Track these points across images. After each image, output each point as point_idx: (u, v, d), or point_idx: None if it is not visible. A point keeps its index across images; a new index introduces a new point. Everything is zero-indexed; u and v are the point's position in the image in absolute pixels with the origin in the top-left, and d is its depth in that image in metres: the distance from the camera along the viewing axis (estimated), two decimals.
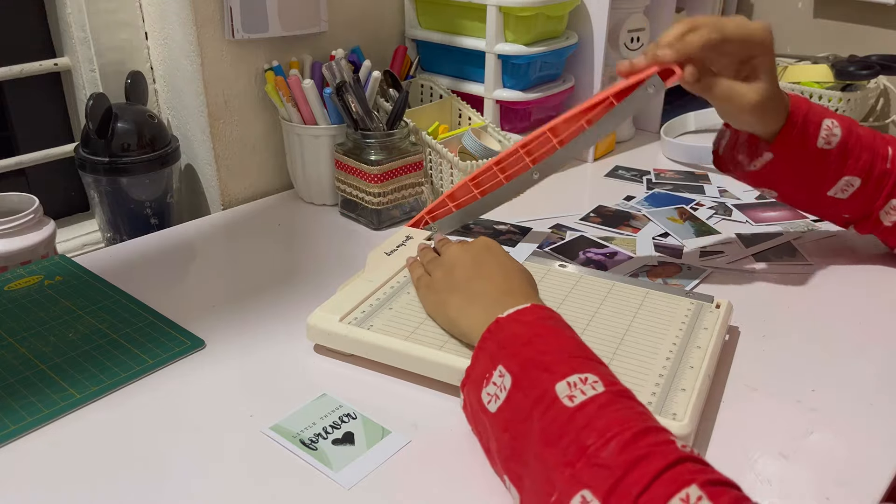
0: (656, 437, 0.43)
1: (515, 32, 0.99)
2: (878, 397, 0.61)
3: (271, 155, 1.00)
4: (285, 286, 0.77)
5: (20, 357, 0.64)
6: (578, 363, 0.49)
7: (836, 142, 0.72)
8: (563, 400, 0.46)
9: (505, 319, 0.54)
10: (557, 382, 0.47)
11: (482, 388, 0.52)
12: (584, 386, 0.46)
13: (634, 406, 0.46)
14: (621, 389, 0.47)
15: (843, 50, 1.23)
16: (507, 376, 0.50)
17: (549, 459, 0.45)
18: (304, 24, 0.95)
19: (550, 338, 0.52)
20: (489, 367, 0.52)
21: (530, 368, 0.49)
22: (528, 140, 0.73)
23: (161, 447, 0.55)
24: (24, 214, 0.79)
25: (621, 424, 0.43)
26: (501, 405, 0.50)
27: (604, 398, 0.46)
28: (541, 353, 0.50)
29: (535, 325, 0.53)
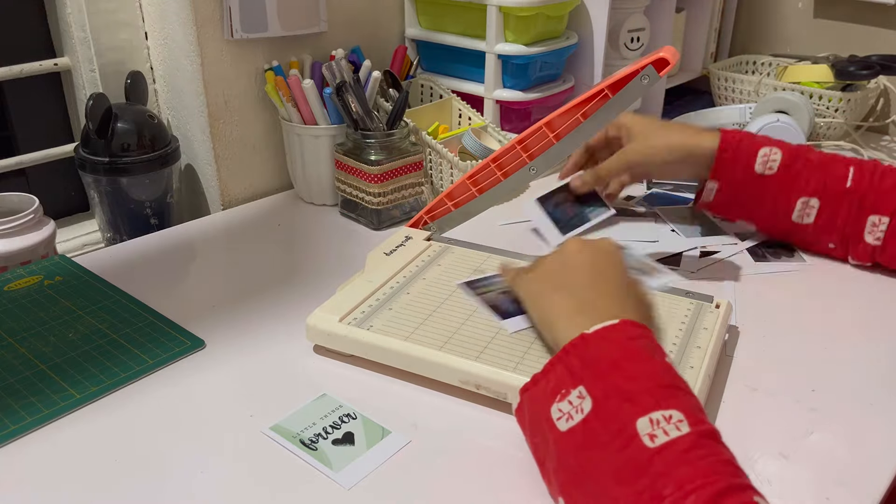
0: (740, 498, 0.40)
1: (515, 32, 0.99)
2: (878, 397, 0.61)
3: (271, 155, 1.00)
4: (285, 286, 0.77)
5: (20, 357, 0.64)
6: (665, 395, 0.46)
7: (776, 165, 0.76)
8: (643, 438, 0.43)
9: (592, 336, 0.51)
10: (640, 418, 0.44)
11: (553, 402, 0.49)
12: (667, 425, 0.44)
13: (720, 453, 0.43)
14: (708, 429, 0.44)
15: (843, 50, 1.23)
16: (587, 399, 0.47)
17: (619, 499, 0.43)
18: (304, 24, 0.95)
19: (638, 362, 0.49)
20: (568, 384, 0.49)
21: (613, 396, 0.47)
22: (524, 136, 0.73)
23: (161, 447, 0.55)
24: (24, 214, 0.79)
25: (704, 478, 0.41)
26: (575, 427, 0.47)
27: (687, 442, 0.43)
28: (627, 378, 0.47)
29: (624, 346, 0.50)
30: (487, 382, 0.58)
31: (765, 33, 1.39)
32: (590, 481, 0.45)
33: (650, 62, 0.66)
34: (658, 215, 0.92)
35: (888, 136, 1.24)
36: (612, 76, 0.69)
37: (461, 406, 0.59)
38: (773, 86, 1.20)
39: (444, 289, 0.69)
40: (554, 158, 0.74)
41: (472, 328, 0.63)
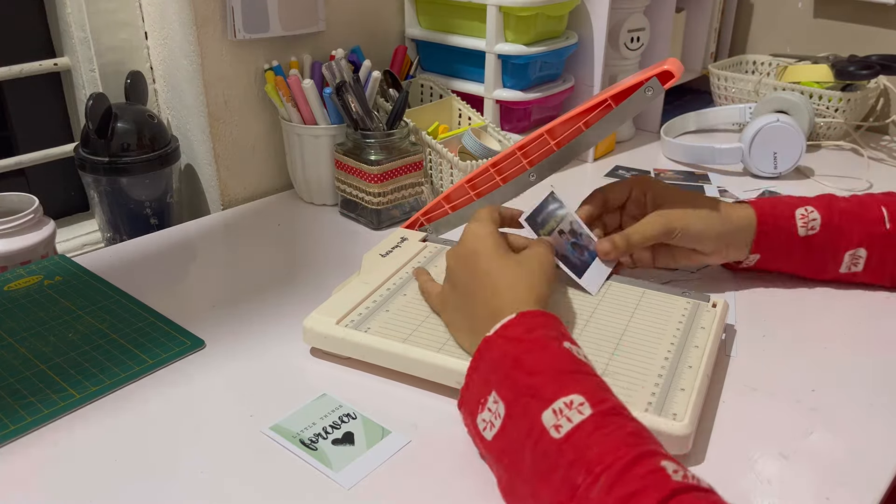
0: (647, 466, 0.41)
1: (515, 32, 0.99)
2: (877, 397, 0.61)
3: (271, 155, 1.00)
4: (285, 286, 0.77)
5: (20, 357, 0.64)
6: (565, 381, 0.47)
7: (818, 225, 0.73)
8: (550, 431, 0.45)
9: (492, 337, 0.52)
10: (544, 411, 0.46)
11: (478, 414, 0.51)
12: (569, 412, 0.45)
13: (624, 425, 0.44)
14: (609, 407, 0.46)
15: (843, 50, 1.23)
16: (500, 403, 0.49)
17: (543, 497, 0.44)
18: (304, 24, 0.95)
19: (538, 352, 0.50)
20: (483, 392, 0.51)
21: (521, 395, 0.48)
22: (525, 142, 0.73)
23: (161, 447, 0.55)
24: (23, 214, 0.79)
25: (612, 453, 0.42)
26: (497, 434, 0.49)
27: (590, 424, 0.44)
28: (528, 373, 0.49)
29: (524, 340, 0.51)
30: None
31: (765, 33, 1.39)
32: (518, 483, 0.47)
33: (654, 74, 0.65)
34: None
35: (888, 136, 1.24)
36: (616, 86, 0.69)
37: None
38: (773, 86, 1.20)
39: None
40: (554, 166, 0.74)
41: None
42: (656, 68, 0.66)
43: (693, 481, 0.41)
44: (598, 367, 0.58)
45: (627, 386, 0.56)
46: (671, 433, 0.52)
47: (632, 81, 0.67)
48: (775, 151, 1.04)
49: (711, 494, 0.40)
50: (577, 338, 0.62)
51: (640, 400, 0.55)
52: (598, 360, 0.59)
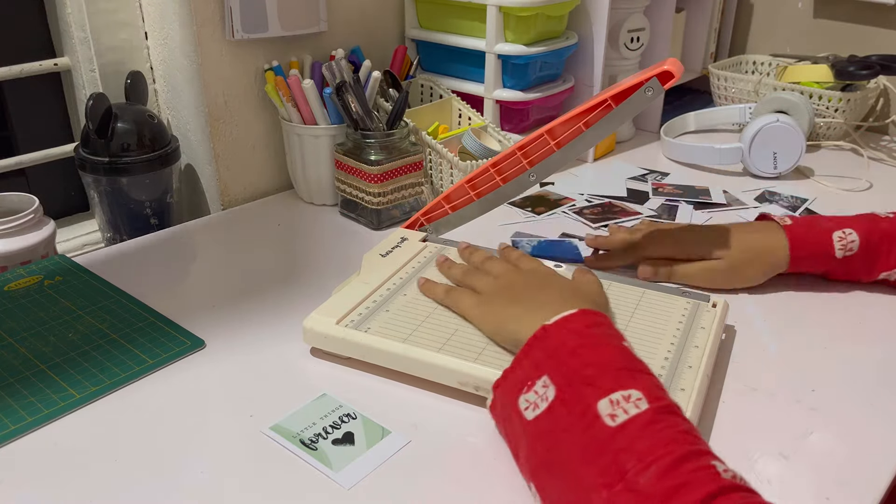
0: (698, 463, 0.42)
1: (515, 32, 0.99)
2: (878, 397, 0.61)
3: (271, 155, 1.00)
4: (285, 286, 0.77)
5: (20, 357, 0.64)
6: (623, 377, 0.48)
7: (856, 246, 0.73)
8: (604, 419, 0.45)
9: (552, 326, 0.53)
10: (600, 399, 0.46)
11: (521, 394, 0.51)
12: (626, 404, 0.46)
13: (678, 424, 0.45)
14: (666, 405, 0.46)
15: (843, 50, 1.23)
16: (551, 387, 0.49)
17: (585, 478, 0.44)
18: (304, 24, 0.95)
19: (598, 347, 0.51)
20: (532, 375, 0.51)
21: (575, 382, 0.49)
22: (525, 142, 0.73)
23: (161, 447, 0.55)
24: (24, 214, 0.79)
25: (663, 447, 0.42)
26: (540, 415, 0.49)
27: (646, 417, 0.45)
28: (587, 364, 0.49)
29: (583, 333, 0.52)
30: (486, 384, 0.57)
31: (765, 33, 1.39)
32: (557, 464, 0.47)
33: (654, 75, 0.66)
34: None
35: (888, 136, 1.24)
36: (616, 86, 0.69)
37: (460, 407, 0.59)
38: (773, 86, 1.20)
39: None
40: (554, 166, 0.74)
41: (470, 329, 0.63)
42: (656, 68, 0.66)
43: (741, 482, 0.41)
44: None
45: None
46: None
47: (632, 82, 0.67)
48: (775, 151, 1.04)
49: (756, 496, 0.41)
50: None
51: None
52: None
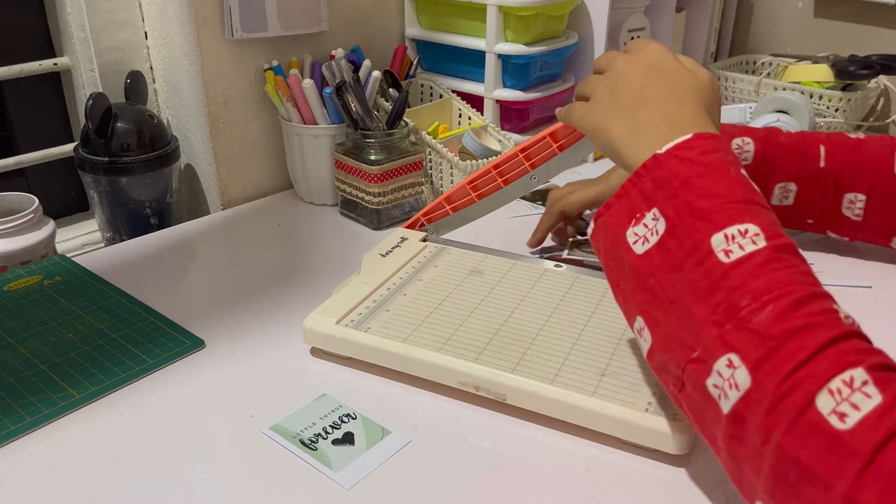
0: (819, 306, 0.40)
1: (515, 32, 0.99)
2: None
3: (271, 155, 1.00)
4: (285, 286, 0.77)
5: (20, 357, 0.64)
6: (740, 210, 0.45)
7: (751, 157, 0.75)
8: (718, 254, 0.43)
9: (664, 155, 0.49)
10: (714, 234, 0.44)
11: (629, 226, 0.49)
12: (742, 239, 0.43)
13: (798, 265, 0.43)
14: (785, 244, 0.44)
15: (843, 50, 1.23)
16: (661, 220, 0.47)
17: (697, 314, 0.43)
18: (304, 24, 0.95)
19: (713, 177, 0.47)
20: (642, 207, 0.49)
21: (686, 215, 0.46)
22: (527, 144, 0.73)
23: (161, 447, 0.55)
24: (23, 214, 0.79)
25: (781, 288, 0.41)
26: (651, 249, 0.47)
27: (763, 255, 0.42)
28: (700, 196, 0.46)
29: (697, 163, 0.48)
30: (486, 384, 0.58)
31: (765, 33, 1.39)
32: (667, 299, 0.46)
33: None
34: None
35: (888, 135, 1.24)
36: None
37: (461, 407, 0.59)
38: (773, 85, 1.20)
39: (442, 290, 0.69)
40: (556, 168, 0.74)
41: (470, 329, 0.63)
42: None
43: (861, 330, 0.40)
44: (598, 367, 0.58)
45: (627, 386, 0.56)
46: (671, 433, 0.52)
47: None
48: None
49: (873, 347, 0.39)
50: (577, 338, 0.62)
51: (640, 400, 0.55)
52: (598, 360, 0.59)
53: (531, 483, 0.52)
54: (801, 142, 0.76)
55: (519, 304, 0.67)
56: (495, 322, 0.64)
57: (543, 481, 0.52)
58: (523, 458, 0.54)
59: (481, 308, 0.67)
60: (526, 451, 0.55)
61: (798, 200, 0.76)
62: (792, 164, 0.75)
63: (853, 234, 0.78)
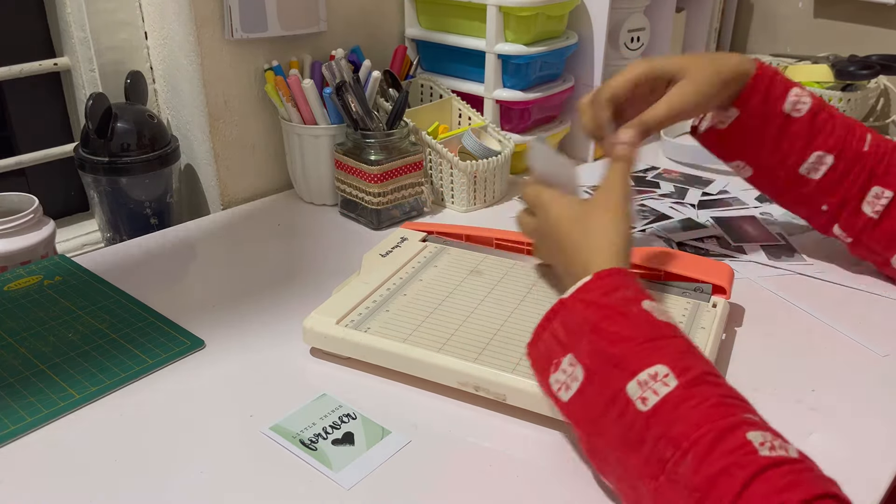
0: (734, 441, 0.41)
1: (515, 32, 0.99)
2: (878, 397, 0.61)
3: (271, 155, 1.00)
4: (285, 286, 0.77)
5: (20, 357, 0.64)
6: (648, 351, 0.47)
7: (805, 110, 0.71)
8: (636, 403, 0.45)
9: (569, 300, 0.53)
10: (628, 382, 0.46)
11: (550, 373, 0.51)
12: (654, 384, 0.45)
13: (708, 396, 0.44)
14: (695, 376, 0.46)
15: (843, 50, 1.23)
16: (578, 367, 0.49)
17: (631, 468, 0.45)
18: (304, 24, 0.95)
19: (618, 319, 0.50)
20: (558, 352, 0.51)
21: (601, 363, 0.48)
22: None
23: (161, 447, 0.55)
24: (23, 214, 0.79)
25: (697, 429, 0.42)
26: (574, 397, 0.49)
27: (676, 396, 0.44)
28: (611, 342, 0.49)
29: (602, 305, 0.51)
30: (486, 384, 0.58)
31: (765, 33, 1.39)
32: (602, 450, 0.48)
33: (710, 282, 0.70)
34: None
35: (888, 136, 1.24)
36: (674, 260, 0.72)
37: (461, 407, 0.59)
38: None
39: (442, 290, 0.69)
40: None
41: (470, 329, 0.63)
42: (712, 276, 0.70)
43: (780, 452, 0.40)
44: None
45: None
46: None
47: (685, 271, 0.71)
48: None
49: (798, 464, 0.40)
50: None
51: None
52: None
53: (531, 483, 0.52)
54: (851, 121, 0.73)
55: (519, 304, 0.67)
56: (495, 322, 0.64)
57: (543, 481, 0.52)
58: (523, 458, 0.54)
59: (481, 308, 0.67)
60: (526, 451, 0.55)
61: (827, 176, 0.72)
62: (839, 135, 0.71)
63: (859, 233, 0.74)
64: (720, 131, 0.74)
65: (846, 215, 0.74)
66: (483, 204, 0.97)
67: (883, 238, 0.73)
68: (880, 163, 0.72)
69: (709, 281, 0.69)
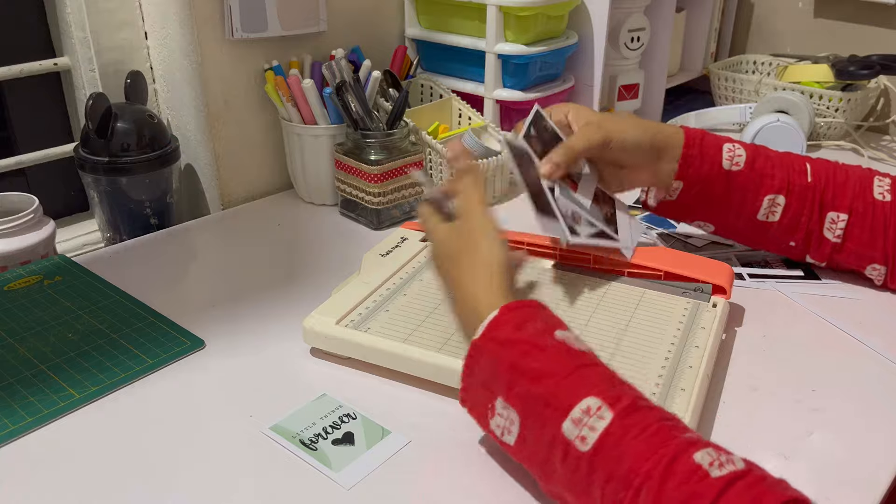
0: (684, 469, 0.40)
1: (515, 32, 0.99)
2: (878, 397, 0.61)
3: (271, 155, 1.00)
4: (285, 286, 0.77)
5: (20, 357, 0.64)
6: (575, 384, 0.46)
7: (742, 161, 0.73)
8: (575, 443, 0.44)
9: (481, 341, 0.51)
10: (563, 422, 0.45)
11: (489, 419, 0.50)
12: (589, 420, 0.44)
13: (648, 424, 0.43)
14: (627, 405, 0.44)
15: (843, 50, 1.23)
16: (511, 410, 0.48)
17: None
18: (304, 24, 0.95)
19: (536, 354, 0.48)
20: (488, 398, 0.50)
21: (531, 404, 0.47)
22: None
23: (161, 447, 0.55)
24: (23, 214, 0.79)
25: (645, 461, 0.41)
26: (517, 440, 0.49)
27: (615, 430, 0.43)
28: (533, 379, 0.47)
29: (515, 341, 0.49)
30: None
31: (765, 33, 1.39)
32: (559, 493, 0.47)
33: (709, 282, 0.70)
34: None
35: (888, 136, 1.24)
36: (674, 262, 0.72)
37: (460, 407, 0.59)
38: (774, 86, 1.20)
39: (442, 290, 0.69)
40: None
41: None
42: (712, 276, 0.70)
43: (729, 467, 0.40)
44: None
45: None
46: None
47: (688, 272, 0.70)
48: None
49: (748, 475, 0.40)
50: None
51: None
52: None
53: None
54: (787, 156, 0.75)
55: None
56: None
57: None
58: None
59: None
60: None
61: (784, 216, 0.74)
62: (781, 175, 0.73)
63: (830, 257, 0.75)
64: (670, 203, 0.77)
65: (814, 245, 0.75)
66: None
67: (851, 257, 0.75)
68: (826, 190, 0.73)
69: (709, 281, 0.69)
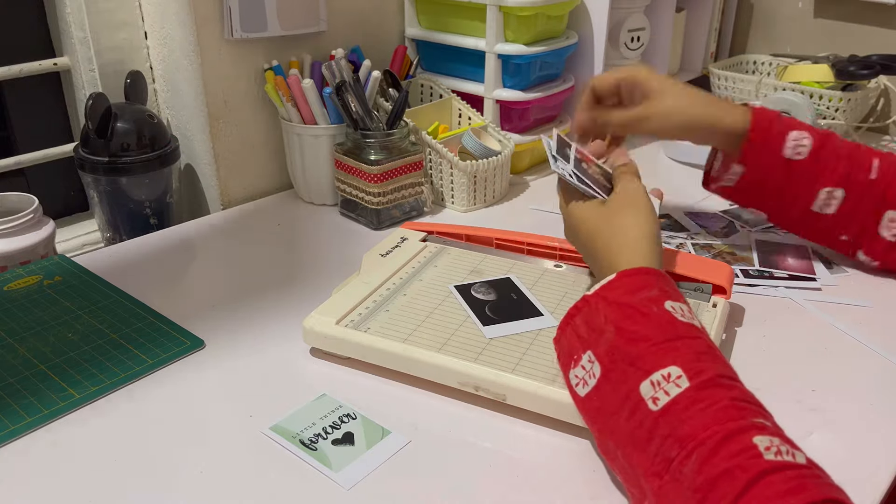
0: (739, 444, 0.41)
1: (515, 32, 0.99)
2: (878, 397, 0.61)
3: (271, 155, 1.00)
4: (285, 286, 0.77)
5: (20, 357, 0.64)
6: (664, 351, 0.48)
7: (806, 152, 0.73)
8: (647, 402, 0.46)
9: (592, 297, 0.54)
10: (642, 382, 0.47)
11: (570, 368, 0.53)
12: (667, 385, 0.46)
13: (719, 399, 0.45)
14: (707, 379, 0.46)
15: (843, 50, 1.23)
16: (595, 364, 0.50)
17: (638, 465, 0.45)
18: (304, 24, 0.95)
19: (638, 318, 0.51)
20: (578, 349, 0.52)
21: (618, 360, 0.49)
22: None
23: (161, 447, 0.55)
24: (23, 214, 0.79)
25: (704, 430, 0.43)
26: (590, 393, 0.50)
27: (687, 398, 0.45)
28: (628, 340, 0.50)
29: (623, 304, 0.52)
30: (486, 384, 0.57)
31: (765, 33, 1.39)
32: (612, 447, 0.48)
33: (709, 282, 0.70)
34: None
35: (888, 136, 1.24)
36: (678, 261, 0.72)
37: (461, 407, 0.59)
38: (774, 86, 1.20)
39: (442, 290, 0.69)
40: None
41: (470, 329, 0.63)
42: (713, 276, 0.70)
43: (787, 457, 0.41)
44: None
45: None
46: None
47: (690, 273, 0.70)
48: None
49: (804, 469, 0.40)
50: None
51: None
52: None
53: (531, 483, 0.52)
54: (855, 150, 0.74)
55: None
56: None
57: (543, 481, 0.52)
58: (523, 458, 0.54)
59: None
60: (526, 451, 0.55)
61: (840, 210, 0.73)
62: (844, 169, 0.73)
63: (884, 256, 0.75)
64: (730, 188, 0.78)
65: (867, 242, 0.75)
66: (483, 204, 0.97)
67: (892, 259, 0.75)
68: (889, 187, 0.73)
69: (709, 281, 0.69)
